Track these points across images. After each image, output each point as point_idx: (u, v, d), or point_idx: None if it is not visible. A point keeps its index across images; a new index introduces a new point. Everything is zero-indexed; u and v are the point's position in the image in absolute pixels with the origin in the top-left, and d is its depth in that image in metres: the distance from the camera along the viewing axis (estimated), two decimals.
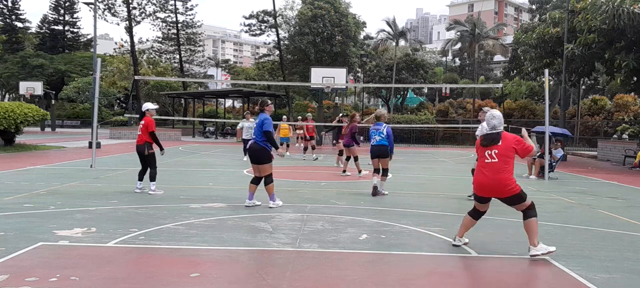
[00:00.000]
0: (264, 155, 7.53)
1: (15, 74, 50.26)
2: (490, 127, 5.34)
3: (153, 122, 9.04)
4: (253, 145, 7.62)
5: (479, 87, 40.23)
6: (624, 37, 17.20)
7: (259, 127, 7.55)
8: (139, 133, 9.01)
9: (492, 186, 5.19)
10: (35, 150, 18.80)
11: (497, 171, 5.15)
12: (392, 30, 46.59)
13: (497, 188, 5.18)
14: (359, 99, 61.62)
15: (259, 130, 7.56)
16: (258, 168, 7.65)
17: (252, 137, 7.80)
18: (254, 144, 7.61)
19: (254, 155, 7.64)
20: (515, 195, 5.17)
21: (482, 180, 5.26)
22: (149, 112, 9.10)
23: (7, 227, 6.00)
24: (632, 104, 35.39)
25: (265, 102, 7.90)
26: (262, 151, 7.53)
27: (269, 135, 7.52)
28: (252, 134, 7.90)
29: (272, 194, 7.67)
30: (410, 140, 31.62)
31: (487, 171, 5.21)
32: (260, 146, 7.52)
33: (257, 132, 7.61)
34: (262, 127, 7.49)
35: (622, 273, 4.75)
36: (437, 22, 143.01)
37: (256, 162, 7.64)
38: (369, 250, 5.38)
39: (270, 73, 44.74)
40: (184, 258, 4.93)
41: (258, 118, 7.69)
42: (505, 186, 5.14)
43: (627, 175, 15.39)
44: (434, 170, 15.11)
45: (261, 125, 7.51)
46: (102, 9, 39.79)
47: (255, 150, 7.60)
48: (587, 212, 8.18)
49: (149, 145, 8.93)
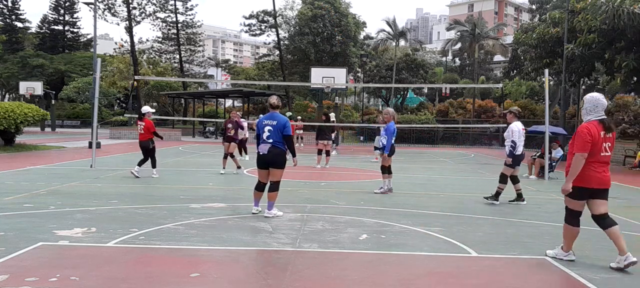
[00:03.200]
0: (283, 160, 6.92)
1: (15, 74, 50.25)
2: (601, 108, 4.94)
3: (152, 123, 11.17)
4: (273, 149, 6.80)
5: (479, 87, 40.23)
6: (624, 37, 17.20)
7: (280, 130, 6.80)
8: (141, 132, 11.06)
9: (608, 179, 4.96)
10: (35, 150, 18.80)
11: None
12: (392, 30, 46.59)
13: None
14: (359, 99, 61.64)
15: (278, 134, 6.81)
16: (270, 172, 6.92)
17: (266, 139, 6.86)
18: (273, 148, 6.80)
19: (271, 159, 6.83)
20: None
21: (604, 174, 4.93)
22: (148, 114, 11.21)
23: (7, 227, 6.00)
24: (632, 104, 35.36)
25: (280, 100, 7.17)
26: (281, 155, 6.86)
27: (290, 141, 6.96)
28: (265, 136, 6.87)
29: (273, 202, 7.01)
30: (410, 140, 31.62)
31: (606, 164, 4.95)
32: (280, 150, 6.83)
33: (275, 135, 6.81)
34: (283, 131, 6.81)
35: (621, 273, 4.75)
36: (437, 22, 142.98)
37: (272, 165, 6.87)
38: (369, 250, 5.38)
39: (270, 73, 44.74)
40: (184, 258, 4.93)
41: (275, 118, 6.87)
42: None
43: (627, 175, 15.39)
44: (434, 170, 15.11)
45: (283, 128, 6.81)
46: (102, 9, 39.81)
47: (275, 154, 6.81)
48: (587, 212, 8.16)
49: (152, 141, 11.10)
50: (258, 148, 6.93)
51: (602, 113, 4.93)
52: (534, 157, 13.95)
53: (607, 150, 4.93)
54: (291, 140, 7.01)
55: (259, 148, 6.91)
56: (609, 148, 4.95)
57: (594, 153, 4.85)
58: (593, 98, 4.96)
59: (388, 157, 9.55)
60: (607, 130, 4.90)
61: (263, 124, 6.91)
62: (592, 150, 4.84)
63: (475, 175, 14.01)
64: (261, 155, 6.89)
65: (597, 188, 4.92)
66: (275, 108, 6.95)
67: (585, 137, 4.83)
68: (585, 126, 4.91)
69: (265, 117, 6.98)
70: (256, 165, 7.03)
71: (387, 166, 9.63)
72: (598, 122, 4.90)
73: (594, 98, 4.96)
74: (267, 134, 6.82)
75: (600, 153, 4.89)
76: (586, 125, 4.92)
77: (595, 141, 4.84)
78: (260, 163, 6.96)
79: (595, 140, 4.83)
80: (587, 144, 4.82)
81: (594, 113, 4.93)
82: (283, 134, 6.81)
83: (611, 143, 4.96)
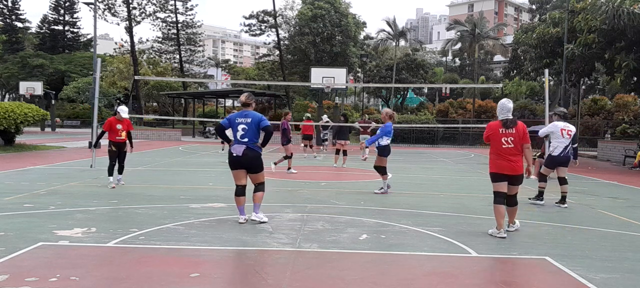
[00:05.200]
0: (261, 162, 6.49)
1: (15, 74, 50.29)
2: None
3: (131, 124, 10.18)
4: (248, 151, 6.32)
5: (479, 87, 40.22)
6: (624, 37, 17.19)
7: (256, 128, 6.36)
8: (120, 137, 9.63)
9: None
10: (35, 150, 18.80)
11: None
12: (392, 30, 46.62)
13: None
14: (359, 99, 61.63)
15: (253, 132, 6.35)
16: (249, 176, 6.49)
17: (240, 139, 6.37)
18: (249, 150, 6.32)
19: (247, 163, 6.36)
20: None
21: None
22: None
23: (7, 227, 6.00)
24: (632, 103, 35.39)
25: (250, 97, 6.61)
26: (258, 158, 6.43)
27: (269, 135, 6.49)
28: (239, 136, 6.37)
29: (260, 203, 6.57)
30: (410, 140, 31.62)
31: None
32: (256, 153, 6.40)
33: (250, 133, 6.33)
34: (260, 125, 6.37)
35: (621, 273, 4.75)
36: (437, 22, 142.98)
37: (251, 170, 6.43)
38: (369, 250, 5.38)
39: (270, 73, 44.74)
40: (184, 258, 4.93)
41: (248, 116, 6.39)
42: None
43: (627, 175, 15.39)
44: (434, 170, 15.11)
45: (258, 124, 6.36)
46: (102, 9, 39.82)
47: (251, 158, 6.35)
48: (587, 212, 8.18)
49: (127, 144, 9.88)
50: (231, 149, 6.42)
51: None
52: (534, 157, 13.95)
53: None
54: (270, 133, 6.48)
55: (233, 149, 6.39)
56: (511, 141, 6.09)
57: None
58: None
59: (384, 158, 9.57)
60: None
61: (236, 121, 6.40)
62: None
63: (475, 175, 14.01)
64: (235, 157, 6.36)
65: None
66: (246, 105, 6.50)
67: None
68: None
69: (238, 115, 6.47)
70: (230, 167, 6.50)
71: (383, 166, 9.62)
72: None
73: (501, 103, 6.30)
74: (241, 133, 6.34)
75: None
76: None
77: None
78: (233, 165, 6.44)
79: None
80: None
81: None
82: (260, 127, 6.36)
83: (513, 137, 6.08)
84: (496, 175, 6.13)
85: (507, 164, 6.03)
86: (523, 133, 6.09)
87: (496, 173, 6.12)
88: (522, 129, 6.10)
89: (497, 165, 6.10)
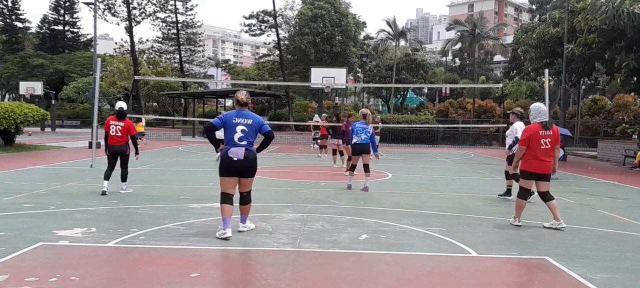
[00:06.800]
0: (257, 167, 5.91)
1: (15, 74, 50.27)
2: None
3: (133, 125, 8.94)
4: (249, 154, 5.71)
5: (479, 87, 40.23)
6: (624, 37, 17.19)
7: (256, 130, 5.82)
8: (117, 134, 8.71)
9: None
10: (35, 150, 18.80)
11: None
12: (392, 30, 46.60)
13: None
14: (359, 99, 61.65)
15: (254, 135, 5.80)
16: (240, 182, 5.84)
17: (238, 141, 5.71)
18: (249, 153, 5.72)
19: (247, 166, 5.73)
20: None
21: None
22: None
23: (7, 227, 6.00)
24: (632, 103, 35.37)
25: (246, 96, 5.96)
26: (256, 161, 5.84)
27: (270, 140, 6.01)
28: (237, 138, 5.70)
29: (247, 215, 6.13)
30: (410, 140, 31.60)
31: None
32: (255, 155, 5.81)
33: (250, 136, 5.75)
34: (260, 130, 5.86)
35: (621, 273, 4.74)
36: (437, 22, 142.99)
37: (246, 174, 5.80)
38: (369, 250, 5.38)
39: (270, 73, 44.72)
40: (184, 258, 4.93)
41: (248, 116, 5.81)
42: None
43: (627, 175, 15.39)
44: (434, 170, 15.11)
45: (259, 128, 5.84)
46: (102, 9, 39.77)
47: (251, 160, 5.73)
48: (587, 212, 8.18)
49: (128, 145, 8.90)
50: (229, 153, 5.67)
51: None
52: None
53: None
54: (271, 139, 5.99)
55: (231, 153, 5.66)
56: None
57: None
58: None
59: (355, 157, 9.98)
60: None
61: (233, 122, 5.73)
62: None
63: (475, 175, 14.01)
64: (235, 160, 5.65)
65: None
66: (243, 105, 5.84)
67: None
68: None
69: (235, 115, 5.78)
70: (222, 173, 5.77)
71: (354, 165, 10.04)
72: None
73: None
74: (239, 135, 5.67)
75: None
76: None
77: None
78: (229, 171, 5.72)
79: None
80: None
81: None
82: (262, 132, 5.85)
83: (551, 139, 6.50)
84: (529, 173, 6.60)
85: (541, 164, 6.48)
86: (557, 135, 6.56)
87: (530, 171, 6.57)
88: (556, 130, 6.58)
89: (532, 165, 6.52)
